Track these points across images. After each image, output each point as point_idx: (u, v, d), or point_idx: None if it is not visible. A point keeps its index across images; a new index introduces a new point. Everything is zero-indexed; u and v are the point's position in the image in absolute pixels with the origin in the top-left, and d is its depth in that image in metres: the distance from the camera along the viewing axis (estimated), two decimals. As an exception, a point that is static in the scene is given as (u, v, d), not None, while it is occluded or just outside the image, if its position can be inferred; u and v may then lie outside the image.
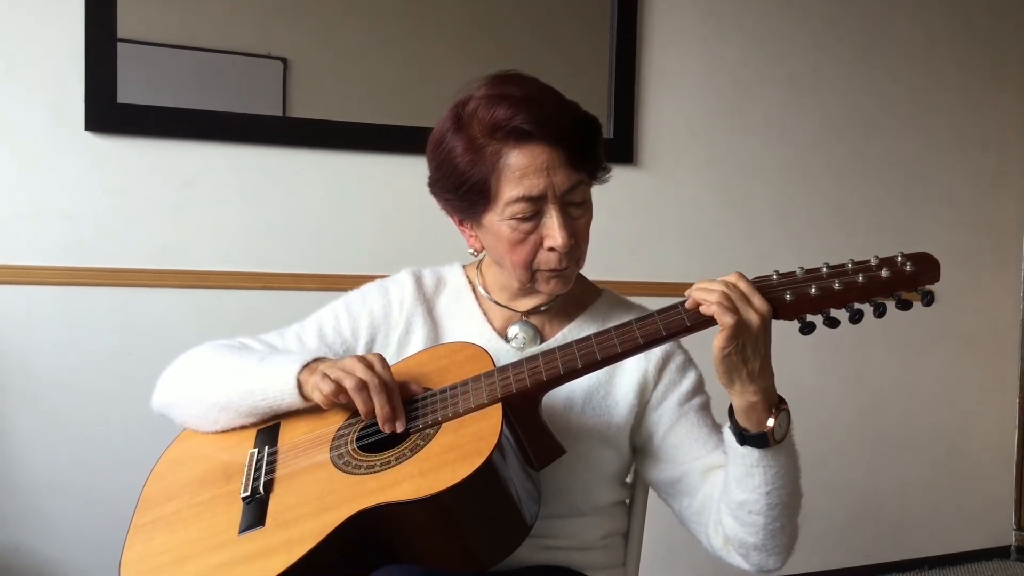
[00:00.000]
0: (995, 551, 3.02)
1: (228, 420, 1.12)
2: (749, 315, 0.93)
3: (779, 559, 1.06)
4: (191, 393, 1.13)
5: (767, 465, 0.99)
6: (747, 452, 0.99)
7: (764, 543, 1.03)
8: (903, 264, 0.94)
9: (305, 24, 2.13)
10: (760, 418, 0.97)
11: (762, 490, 0.99)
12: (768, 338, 0.95)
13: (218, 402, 1.10)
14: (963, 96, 2.89)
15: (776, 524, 1.02)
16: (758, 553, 1.05)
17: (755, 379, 0.95)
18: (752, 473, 0.99)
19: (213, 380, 1.12)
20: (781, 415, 0.98)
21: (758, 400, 0.96)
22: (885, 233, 2.76)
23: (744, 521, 1.02)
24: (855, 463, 2.78)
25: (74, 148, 1.97)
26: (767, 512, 1.01)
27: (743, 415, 0.98)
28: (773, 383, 0.98)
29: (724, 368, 0.96)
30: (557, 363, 1.01)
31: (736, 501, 1.02)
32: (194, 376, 1.14)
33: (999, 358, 3.01)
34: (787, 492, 1.01)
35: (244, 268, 2.10)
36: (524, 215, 1.06)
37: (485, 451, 0.92)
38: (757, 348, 0.94)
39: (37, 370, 1.97)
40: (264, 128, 2.10)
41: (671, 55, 2.50)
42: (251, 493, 1.00)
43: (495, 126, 1.04)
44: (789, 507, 1.02)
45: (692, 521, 1.13)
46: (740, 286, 0.95)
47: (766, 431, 0.97)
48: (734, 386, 0.97)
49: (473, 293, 1.22)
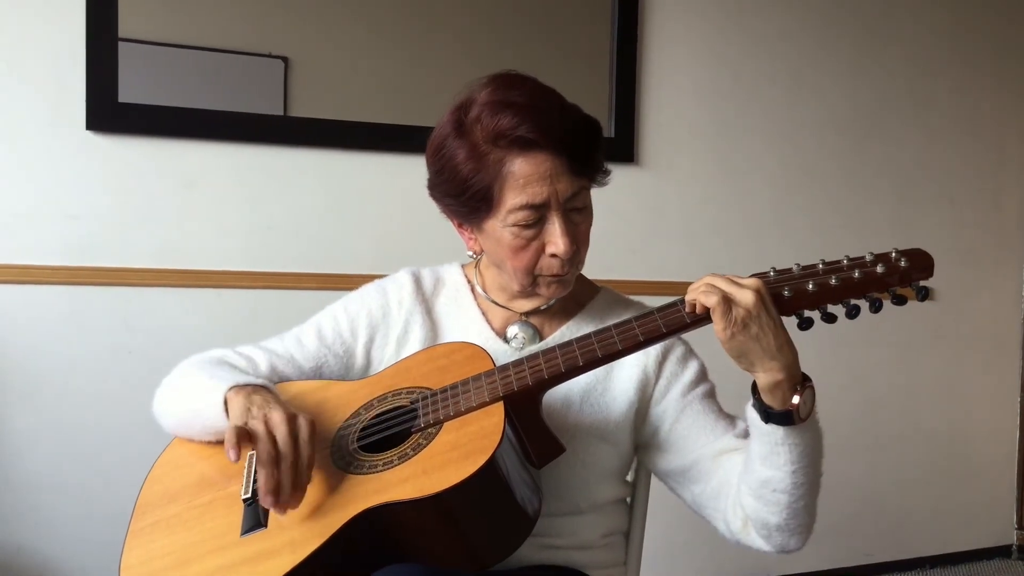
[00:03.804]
0: (996, 550, 3.02)
1: (194, 436, 1.12)
2: (737, 293, 0.94)
3: (800, 539, 1.06)
4: (165, 410, 1.15)
5: (793, 444, 0.98)
6: (772, 430, 0.98)
7: (787, 522, 1.03)
8: (897, 260, 0.95)
9: (306, 23, 2.13)
10: (785, 395, 0.96)
11: (787, 468, 0.99)
12: (772, 313, 0.95)
13: (181, 420, 1.12)
14: (964, 94, 2.89)
15: (800, 503, 1.02)
16: (780, 533, 1.04)
17: (775, 356, 0.95)
18: (778, 452, 0.99)
19: (176, 398, 1.14)
20: (807, 392, 0.97)
21: (783, 378, 0.96)
22: (885, 232, 2.76)
23: (767, 500, 1.02)
24: (856, 462, 2.78)
25: (75, 147, 1.97)
26: (792, 491, 1.00)
27: (768, 393, 0.97)
28: (796, 359, 0.97)
29: (736, 351, 0.96)
30: (558, 361, 1.01)
31: (760, 480, 1.01)
32: (170, 393, 1.16)
33: (1000, 357, 3.01)
34: (812, 470, 1.01)
35: (245, 267, 2.10)
36: (527, 222, 1.06)
37: (488, 449, 0.92)
38: (763, 324, 0.94)
39: (39, 369, 1.97)
40: (265, 127, 2.10)
41: (672, 54, 2.50)
42: (252, 495, 1.00)
43: (499, 134, 1.04)
44: (813, 486, 1.02)
45: (708, 507, 1.13)
46: (719, 276, 0.97)
47: (791, 408, 0.96)
48: (754, 367, 0.96)
49: (472, 293, 1.22)
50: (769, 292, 0.95)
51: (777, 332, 0.95)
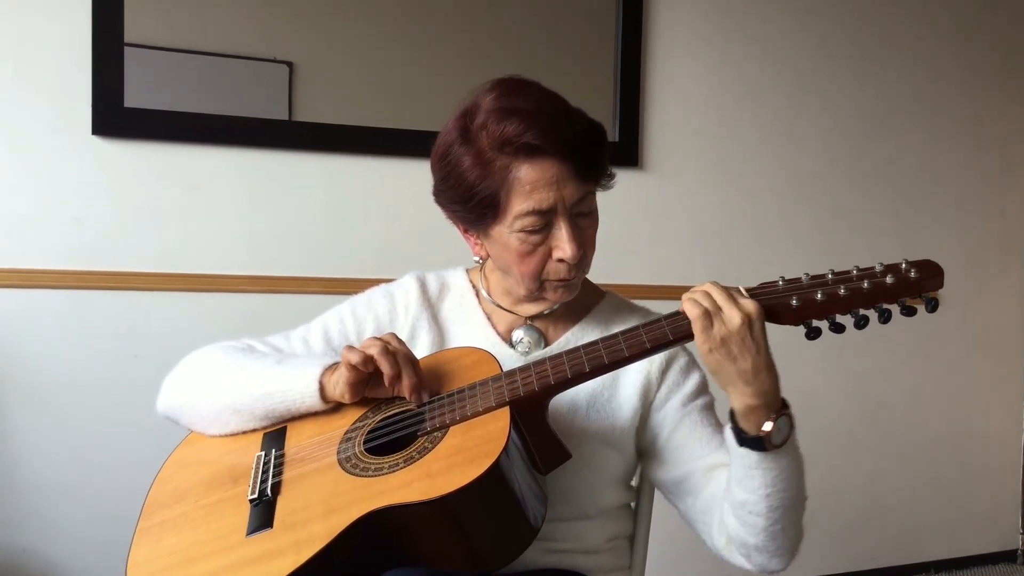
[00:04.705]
0: (1001, 555, 3.01)
1: (241, 423, 1.12)
2: (726, 310, 0.94)
3: (781, 561, 1.05)
4: (203, 396, 1.13)
5: (766, 468, 0.98)
6: (746, 453, 0.98)
7: (765, 544, 1.03)
8: (907, 271, 0.95)
9: (311, 28, 2.14)
10: (759, 421, 0.96)
11: (761, 492, 0.99)
12: (757, 338, 0.94)
13: (232, 404, 1.11)
14: (970, 98, 2.89)
15: (777, 527, 1.01)
16: (759, 554, 1.04)
17: (750, 381, 0.95)
18: (751, 475, 0.99)
19: (227, 382, 1.12)
20: (780, 420, 0.97)
21: (757, 404, 0.96)
22: (890, 236, 2.75)
23: (745, 521, 1.02)
24: (861, 467, 2.78)
25: (81, 152, 1.97)
26: (768, 514, 1.00)
27: (741, 416, 0.98)
28: (775, 386, 0.97)
29: (711, 367, 0.97)
30: (564, 367, 1.01)
31: (737, 501, 1.01)
32: (206, 378, 1.14)
33: (1005, 361, 3.00)
34: (789, 496, 1.00)
35: (249, 272, 2.11)
36: (533, 228, 1.06)
37: (493, 454, 0.92)
38: (744, 347, 0.93)
39: (43, 373, 1.98)
40: (270, 132, 2.11)
41: (676, 57, 2.51)
42: (259, 495, 1.01)
43: (505, 141, 1.04)
44: (791, 510, 1.01)
45: (697, 520, 1.13)
46: (720, 287, 0.97)
47: (762, 435, 0.96)
48: (729, 388, 0.97)
49: (477, 297, 1.23)
50: (763, 317, 0.95)
51: (757, 357, 0.94)
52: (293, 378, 1.08)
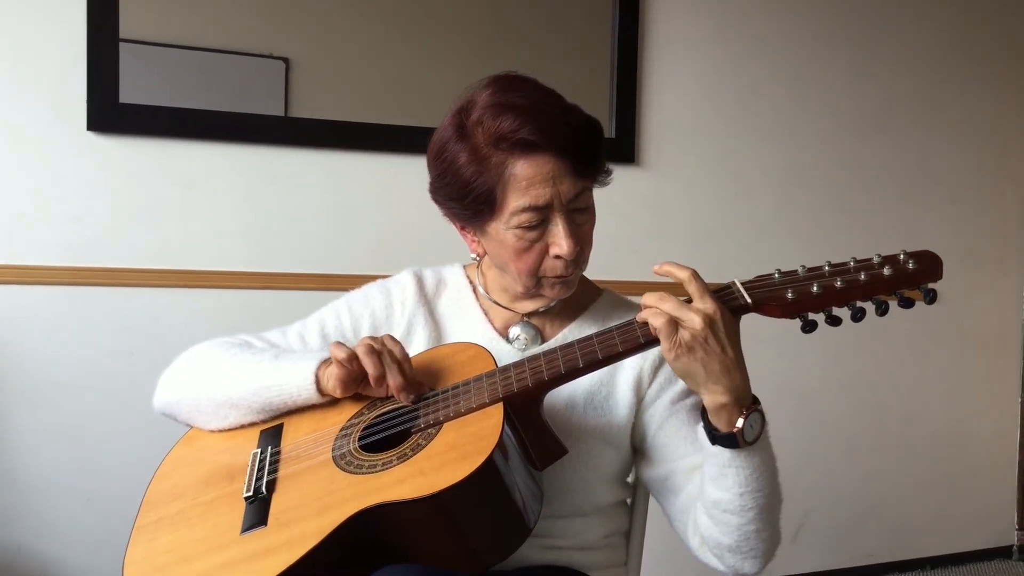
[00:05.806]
0: (997, 551, 3.01)
1: (239, 417, 1.12)
2: (685, 316, 0.93)
3: (755, 563, 1.04)
4: (200, 390, 1.13)
5: (739, 466, 0.98)
6: (719, 452, 0.98)
7: (739, 545, 1.02)
8: (905, 262, 0.94)
9: (307, 24, 2.13)
10: (730, 418, 0.96)
11: (735, 491, 0.98)
12: (725, 338, 0.93)
13: (230, 399, 1.11)
14: (967, 95, 2.88)
15: (751, 527, 1.01)
16: (732, 555, 1.03)
17: (719, 379, 0.94)
18: (725, 473, 0.98)
19: (224, 377, 1.12)
20: (752, 416, 0.96)
21: (727, 401, 0.95)
22: (888, 232, 2.75)
23: (718, 520, 1.02)
24: (857, 463, 2.78)
25: (76, 148, 1.97)
26: (742, 513, 0.99)
27: (713, 415, 0.97)
28: (745, 383, 0.96)
29: (680, 372, 0.96)
30: (558, 362, 1.01)
31: (711, 500, 1.01)
32: (203, 373, 1.14)
33: (1002, 358, 3.01)
34: (762, 495, 0.99)
35: (246, 268, 2.11)
36: (530, 224, 1.06)
37: (486, 450, 0.92)
38: (709, 348, 0.93)
39: (39, 370, 1.97)
40: (266, 128, 2.10)
41: (673, 53, 2.50)
42: (254, 493, 1.01)
43: (501, 137, 1.04)
44: (765, 510, 1.00)
45: (677, 520, 1.13)
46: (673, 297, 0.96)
47: (735, 432, 0.96)
48: (699, 388, 0.96)
49: (474, 294, 1.22)
50: (725, 315, 0.94)
51: (724, 356, 0.93)
52: (290, 372, 1.08)
